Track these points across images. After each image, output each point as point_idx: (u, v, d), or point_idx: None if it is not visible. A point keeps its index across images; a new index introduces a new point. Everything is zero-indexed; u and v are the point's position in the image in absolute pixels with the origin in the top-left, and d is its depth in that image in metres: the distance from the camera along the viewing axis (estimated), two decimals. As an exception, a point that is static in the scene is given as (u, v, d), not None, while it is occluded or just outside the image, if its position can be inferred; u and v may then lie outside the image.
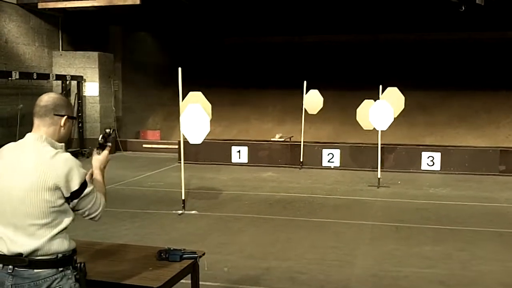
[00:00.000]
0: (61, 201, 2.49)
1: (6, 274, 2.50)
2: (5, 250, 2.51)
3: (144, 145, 15.34)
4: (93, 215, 2.63)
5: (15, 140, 2.67)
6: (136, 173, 11.63)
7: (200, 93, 8.02)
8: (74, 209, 2.56)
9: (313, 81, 12.51)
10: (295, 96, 13.03)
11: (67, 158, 2.53)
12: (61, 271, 2.54)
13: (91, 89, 14.26)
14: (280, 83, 17.08)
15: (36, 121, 2.62)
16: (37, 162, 2.49)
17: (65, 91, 13.87)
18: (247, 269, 5.52)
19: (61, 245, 2.54)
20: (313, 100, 12.31)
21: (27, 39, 13.23)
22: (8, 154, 2.60)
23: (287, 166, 12.52)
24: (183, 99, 7.98)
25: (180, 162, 8.60)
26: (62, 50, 14.44)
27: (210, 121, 7.92)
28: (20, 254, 2.48)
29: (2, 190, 2.54)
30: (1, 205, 2.54)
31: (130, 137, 16.29)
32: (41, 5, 12.89)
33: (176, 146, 12.73)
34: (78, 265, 2.62)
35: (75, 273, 2.59)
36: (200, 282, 4.99)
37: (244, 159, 12.90)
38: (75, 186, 2.50)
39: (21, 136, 9.85)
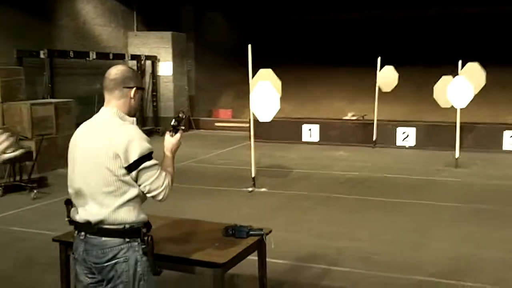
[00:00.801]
0: (122, 171, 2.49)
1: (79, 240, 2.60)
2: (78, 218, 2.58)
3: (216, 124, 15.48)
4: (154, 193, 2.56)
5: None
6: (208, 150, 11.76)
7: (270, 70, 7.92)
8: (136, 182, 2.54)
9: (387, 57, 12.08)
10: (368, 74, 12.65)
11: (131, 129, 2.55)
12: (128, 242, 2.56)
13: (165, 68, 14.50)
14: (353, 61, 16.64)
15: (107, 96, 2.64)
16: (105, 133, 2.54)
17: (140, 71, 14.19)
18: (316, 248, 5.42)
19: (128, 216, 2.54)
20: (387, 77, 11.90)
21: (103, 20, 13.60)
22: (82, 128, 2.68)
23: (359, 145, 12.22)
24: (253, 77, 7.92)
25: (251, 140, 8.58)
26: (136, 30, 14.75)
27: (281, 98, 7.82)
28: (89, 222, 2.54)
29: (75, 160, 2.61)
30: (75, 173, 2.61)
31: (203, 115, 16.48)
32: (116, -14, 13.21)
33: (247, 124, 12.75)
34: (146, 238, 2.62)
35: (142, 246, 2.59)
36: (268, 260, 4.97)
37: (315, 137, 12.73)
38: (134, 157, 2.49)
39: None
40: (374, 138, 12.07)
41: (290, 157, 10.96)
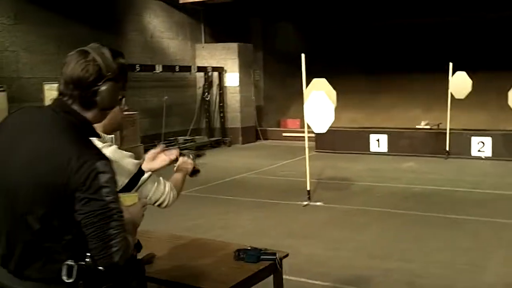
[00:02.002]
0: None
1: None
2: None
3: (284, 134, 15.30)
4: (160, 200, 2.51)
5: (161, 131, 2.66)
6: (272, 161, 11.59)
7: (324, 79, 7.65)
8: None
9: (461, 63, 11.40)
10: (443, 80, 12.00)
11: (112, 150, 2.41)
12: (118, 268, 2.43)
13: (232, 79, 14.54)
14: (426, 67, 15.90)
15: None
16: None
17: (207, 83, 14.32)
18: (362, 269, 5.09)
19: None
20: (460, 83, 11.22)
21: (171, 33, 13.86)
22: None
23: (431, 155, 11.58)
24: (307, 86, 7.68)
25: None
26: (204, 42, 14.92)
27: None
28: None
29: None
30: None
31: (271, 126, 16.36)
32: (182, 0, 13.42)
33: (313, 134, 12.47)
34: (138, 262, 2.49)
35: (133, 270, 2.45)
36: (306, 280, 4.74)
37: (384, 148, 12.23)
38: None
39: (167, 126, 10.29)
40: (447, 148, 11.40)
41: (354, 168, 10.57)
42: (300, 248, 5.59)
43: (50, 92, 9.30)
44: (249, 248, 3.06)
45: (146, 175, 2.45)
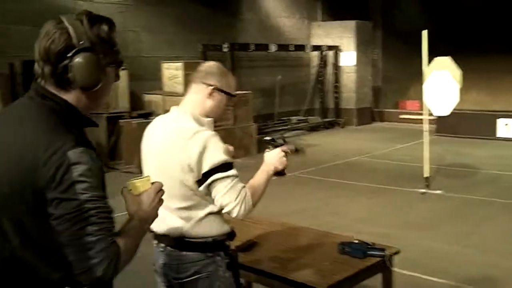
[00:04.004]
0: (198, 183, 2.21)
1: (159, 252, 2.39)
2: (156, 228, 2.36)
3: (400, 116, 14.56)
4: (227, 209, 2.22)
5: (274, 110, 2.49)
6: (387, 145, 11.06)
7: (447, 58, 7.02)
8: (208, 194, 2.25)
9: None
10: None
11: (205, 137, 2.21)
12: (210, 256, 2.29)
13: (348, 58, 14.05)
14: None
15: (189, 87, 2.41)
16: (178, 142, 2.24)
17: (322, 62, 13.97)
18: (484, 267, 4.60)
19: (210, 229, 2.29)
20: None
21: (286, 12, 13.65)
22: (154, 130, 2.44)
23: None
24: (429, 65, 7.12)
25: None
26: (321, 20, 14.54)
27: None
28: (167, 234, 2.31)
29: (148, 168, 2.38)
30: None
31: (389, 107, 15.66)
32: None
33: (433, 117, 11.72)
34: (230, 251, 2.34)
35: (226, 260, 2.31)
36: (423, 276, 4.37)
37: (513, 133, 11.18)
38: (205, 169, 2.19)
39: (280, 105, 10.12)
40: None
41: (478, 155, 9.74)
42: (415, 240, 5.21)
43: (168, 70, 9.54)
44: (355, 241, 2.79)
45: (226, 173, 2.21)
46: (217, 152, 2.20)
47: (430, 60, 7.15)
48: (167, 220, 2.30)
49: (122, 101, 9.40)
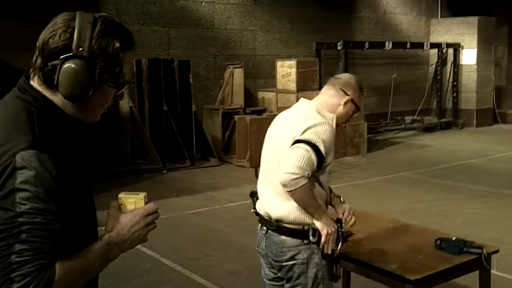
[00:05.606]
0: None
1: (262, 234, 2.57)
2: (261, 210, 2.56)
3: (527, 118, 13.68)
4: (282, 171, 2.29)
5: (388, 109, 2.65)
6: (507, 148, 10.45)
7: None
8: None
9: None
10: None
11: (319, 121, 2.37)
12: (307, 243, 2.44)
13: (468, 56, 13.44)
14: None
15: (323, 88, 2.60)
16: (294, 120, 2.45)
17: (441, 60, 13.51)
18: None
19: (308, 216, 2.43)
20: None
21: (405, 9, 13.37)
22: (280, 116, 2.65)
23: None
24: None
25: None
26: (440, 17, 14.05)
27: None
28: (270, 217, 2.50)
29: (267, 149, 2.60)
30: (265, 163, 2.59)
31: (512, 108, 14.77)
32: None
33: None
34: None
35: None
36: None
37: None
38: (299, 137, 2.36)
39: (394, 104, 10.09)
40: None
41: None
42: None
43: (282, 68, 9.79)
44: (453, 238, 2.81)
45: (308, 147, 2.31)
46: (319, 135, 2.33)
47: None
48: (270, 201, 2.49)
49: (237, 97, 9.82)
